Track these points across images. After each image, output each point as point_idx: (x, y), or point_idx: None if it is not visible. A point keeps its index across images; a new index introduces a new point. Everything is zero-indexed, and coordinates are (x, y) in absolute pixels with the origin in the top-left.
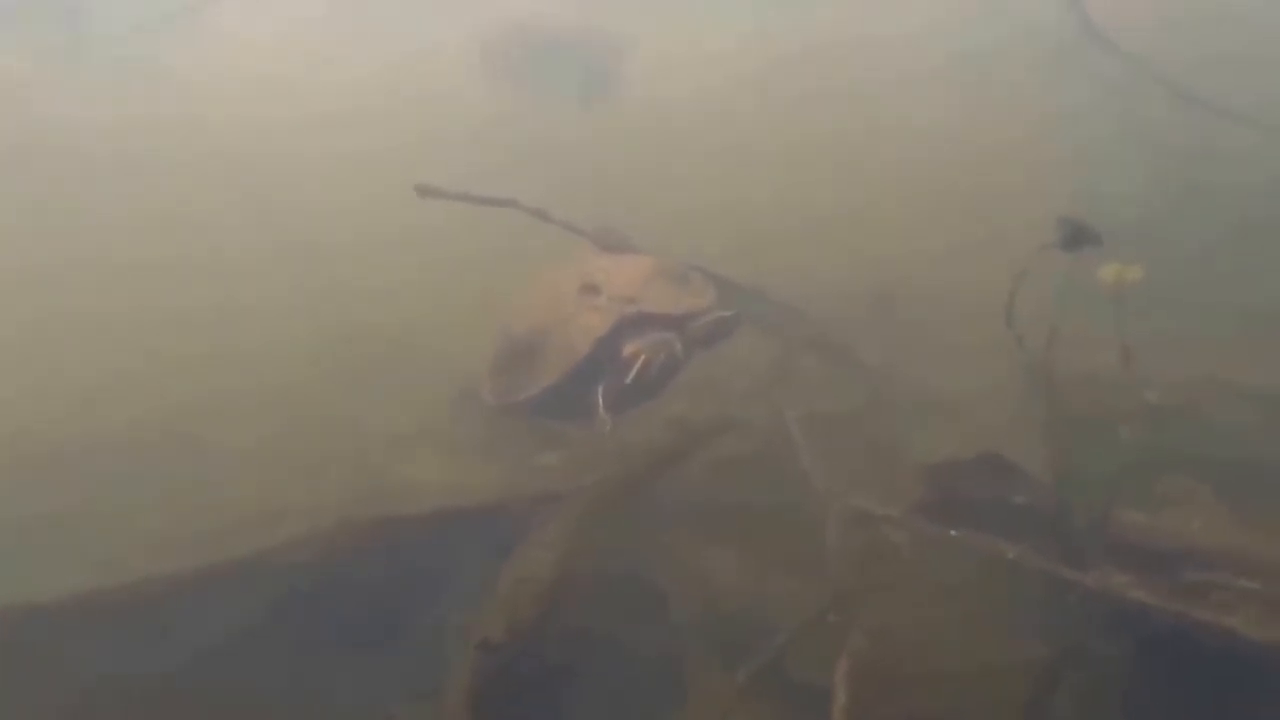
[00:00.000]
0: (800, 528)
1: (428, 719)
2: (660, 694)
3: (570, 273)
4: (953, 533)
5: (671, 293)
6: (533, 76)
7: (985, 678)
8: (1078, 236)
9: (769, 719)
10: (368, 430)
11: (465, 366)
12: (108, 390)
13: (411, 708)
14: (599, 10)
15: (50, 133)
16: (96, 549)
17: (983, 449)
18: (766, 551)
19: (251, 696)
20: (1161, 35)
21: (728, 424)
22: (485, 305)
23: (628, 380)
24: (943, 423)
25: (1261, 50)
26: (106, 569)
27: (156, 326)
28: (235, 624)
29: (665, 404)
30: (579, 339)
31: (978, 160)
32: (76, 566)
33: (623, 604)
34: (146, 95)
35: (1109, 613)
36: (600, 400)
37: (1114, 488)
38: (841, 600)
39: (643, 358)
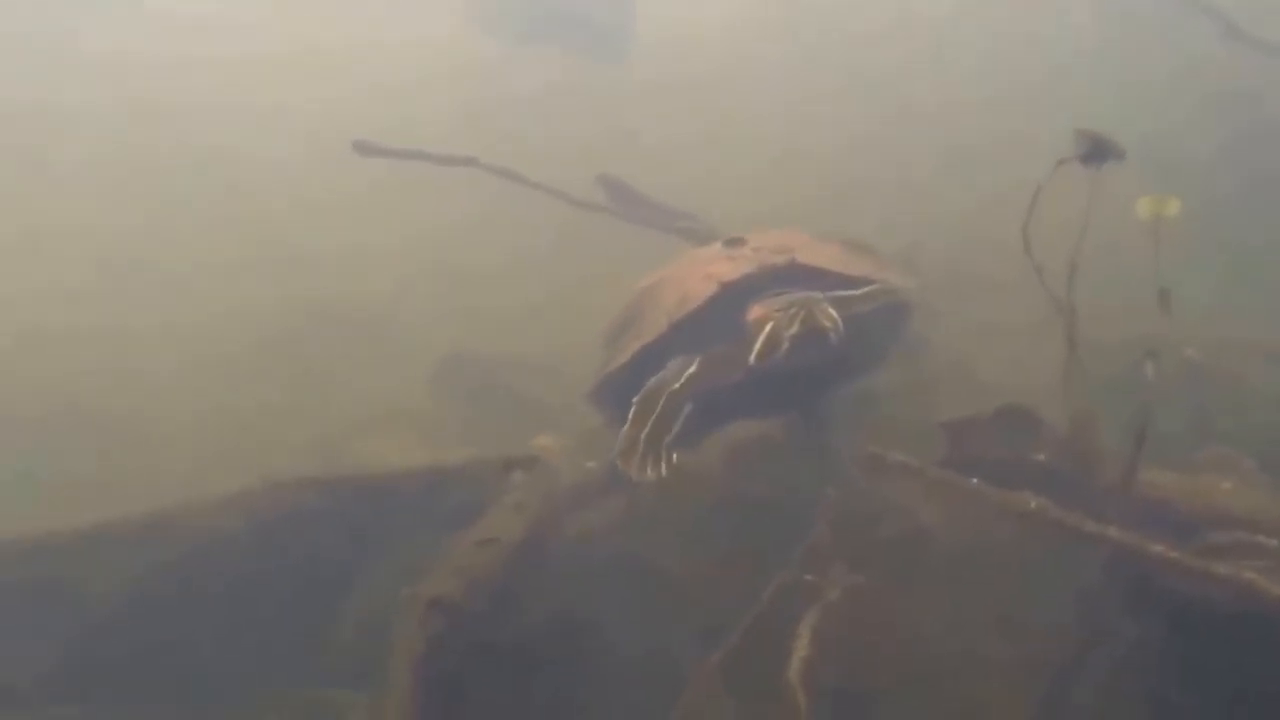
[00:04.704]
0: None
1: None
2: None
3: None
4: (973, 481)
5: (845, 255)
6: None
7: (967, 646)
8: (1098, 150)
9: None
10: (332, 412)
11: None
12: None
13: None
14: None
15: None
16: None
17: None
18: (770, 523)
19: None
20: None
21: None
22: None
23: (751, 358)
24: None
25: None
26: None
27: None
28: (155, 581)
29: None
30: (697, 287)
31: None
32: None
33: (602, 579)
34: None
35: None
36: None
37: (1142, 445)
38: (821, 558)
39: (770, 325)
